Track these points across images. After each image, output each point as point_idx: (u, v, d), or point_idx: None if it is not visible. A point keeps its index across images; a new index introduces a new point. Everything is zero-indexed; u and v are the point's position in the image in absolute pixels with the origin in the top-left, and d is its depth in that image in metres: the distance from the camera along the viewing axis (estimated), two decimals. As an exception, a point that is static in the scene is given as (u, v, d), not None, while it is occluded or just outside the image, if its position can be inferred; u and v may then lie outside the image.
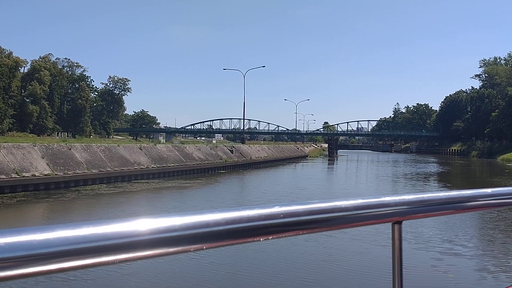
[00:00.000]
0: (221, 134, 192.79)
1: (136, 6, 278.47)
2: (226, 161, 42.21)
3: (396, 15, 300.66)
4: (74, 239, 0.68)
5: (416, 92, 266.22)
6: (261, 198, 21.03)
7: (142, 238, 0.74)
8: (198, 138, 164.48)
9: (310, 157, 79.87)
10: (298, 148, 79.64)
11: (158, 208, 17.86)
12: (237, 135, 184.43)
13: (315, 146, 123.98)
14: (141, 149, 31.59)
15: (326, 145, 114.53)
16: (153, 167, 30.75)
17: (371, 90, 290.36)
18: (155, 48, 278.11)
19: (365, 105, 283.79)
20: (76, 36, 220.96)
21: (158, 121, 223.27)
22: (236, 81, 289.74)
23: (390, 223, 1.22)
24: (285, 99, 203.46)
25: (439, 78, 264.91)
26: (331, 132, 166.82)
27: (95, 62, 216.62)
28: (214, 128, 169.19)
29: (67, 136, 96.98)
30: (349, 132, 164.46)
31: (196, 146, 39.95)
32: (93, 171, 25.42)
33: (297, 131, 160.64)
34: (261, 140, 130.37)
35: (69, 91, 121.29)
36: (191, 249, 0.81)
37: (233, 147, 48.11)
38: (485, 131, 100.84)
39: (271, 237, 0.93)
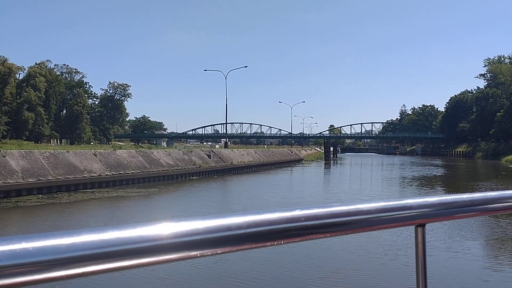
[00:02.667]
0: (227, 139, 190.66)
1: (137, 13, 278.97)
2: (200, 166, 40.02)
3: (402, 17, 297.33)
4: (100, 243, 0.69)
5: (422, 93, 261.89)
6: (187, 212, 18.73)
7: (166, 242, 0.75)
8: (204, 143, 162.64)
9: (305, 161, 77.24)
10: (292, 152, 77.08)
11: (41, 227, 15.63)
12: (243, 140, 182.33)
13: (318, 149, 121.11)
14: (96, 155, 29.52)
15: (330, 148, 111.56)
16: (107, 174, 28.65)
17: (378, 92, 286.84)
18: (159, 54, 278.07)
19: (372, 108, 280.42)
20: (78, 43, 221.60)
21: (165, 127, 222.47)
22: (241, 86, 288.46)
23: (413, 226, 1.20)
24: (279, 102, 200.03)
25: (445, 79, 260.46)
26: (335, 135, 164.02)
27: (97, 68, 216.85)
28: (221, 132, 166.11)
29: (67, 143, 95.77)
30: (354, 135, 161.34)
31: (166, 151, 37.83)
32: (30, 180, 23.39)
33: (302, 134, 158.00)
34: (266, 144, 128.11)
35: (68, 97, 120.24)
36: (214, 253, 0.81)
37: (212, 151, 45.93)
38: (491, 132, 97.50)
39: (292, 240, 0.92)
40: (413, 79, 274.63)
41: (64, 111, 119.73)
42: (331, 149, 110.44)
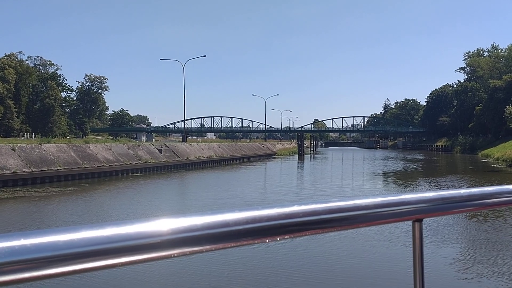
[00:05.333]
0: (213, 133, 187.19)
1: (126, 4, 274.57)
2: (146, 162, 37.55)
3: (384, 12, 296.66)
4: (99, 239, 0.69)
5: (406, 87, 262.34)
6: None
7: (163, 238, 0.75)
8: (189, 137, 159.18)
9: (278, 155, 74.96)
10: (264, 146, 74.74)
11: None
12: (230, 134, 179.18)
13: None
14: (14, 150, 26.94)
15: (303, 143, 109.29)
16: (25, 171, 26.10)
17: (363, 86, 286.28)
18: (140, 47, 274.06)
19: (357, 102, 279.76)
20: (55, 35, 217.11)
21: (149, 121, 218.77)
22: (228, 79, 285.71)
23: (411, 221, 1.20)
24: (253, 95, 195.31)
25: (428, 73, 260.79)
26: (319, 129, 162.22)
27: (75, 61, 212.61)
28: (206, 126, 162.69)
29: (40, 137, 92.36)
30: (337, 129, 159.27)
31: (106, 145, 35.27)
32: None
33: (288, 128, 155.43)
34: (249, 139, 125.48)
35: (43, 89, 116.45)
36: (212, 249, 0.81)
37: (165, 145, 43.45)
38: (469, 126, 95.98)
39: (290, 236, 0.93)
40: (397, 73, 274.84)
41: (38, 104, 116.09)
42: (309, 143, 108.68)
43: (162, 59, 61.16)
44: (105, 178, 31.52)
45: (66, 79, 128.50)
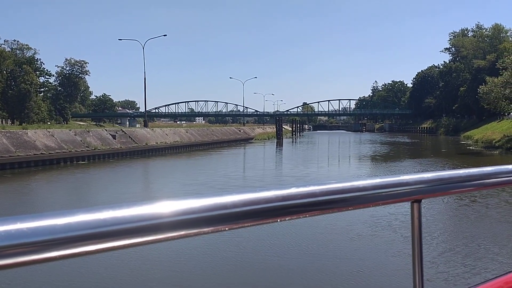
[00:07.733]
0: (202, 117, 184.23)
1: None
2: (96, 149, 35.21)
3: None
4: (96, 222, 0.68)
5: (395, 68, 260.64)
6: None
7: (161, 221, 0.74)
8: (178, 122, 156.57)
9: (256, 140, 72.77)
10: (240, 131, 72.45)
11: None
12: (219, 118, 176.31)
13: (286, 127, 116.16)
14: None
15: (281, 126, 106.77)
16: None
17: (352, 69, 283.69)
18: (128, 30, 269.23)
19: (347, 84, 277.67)
20: (35, 20, 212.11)
21: (137, 105, 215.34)
22: (216, 62, 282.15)
23: (409, 202, 1.21)
24: (230, 77, 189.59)
25: (417, 54, 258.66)
26: (306, 112, 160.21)
27: (56, 46, 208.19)
28: (188, 111, 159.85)
29: (20, 123, 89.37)
30: (323, 112, 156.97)
31: (49, 131, 32.86)
32: None
33: (277, 113, 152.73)
34: (237, 123, 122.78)
35: (20, 74, 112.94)
36: (210, 231, 0.81)
37: (122, 130, 41.10)
38: (454, 107, 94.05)
39: (288, 218, 0.93)
40: (387, 55, 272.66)
41: (14, 90, 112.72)
42: (292, 127, 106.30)
43: (120, 39, 58.11)
44: (44, 167, 29.23)
45: (44, 64, 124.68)
